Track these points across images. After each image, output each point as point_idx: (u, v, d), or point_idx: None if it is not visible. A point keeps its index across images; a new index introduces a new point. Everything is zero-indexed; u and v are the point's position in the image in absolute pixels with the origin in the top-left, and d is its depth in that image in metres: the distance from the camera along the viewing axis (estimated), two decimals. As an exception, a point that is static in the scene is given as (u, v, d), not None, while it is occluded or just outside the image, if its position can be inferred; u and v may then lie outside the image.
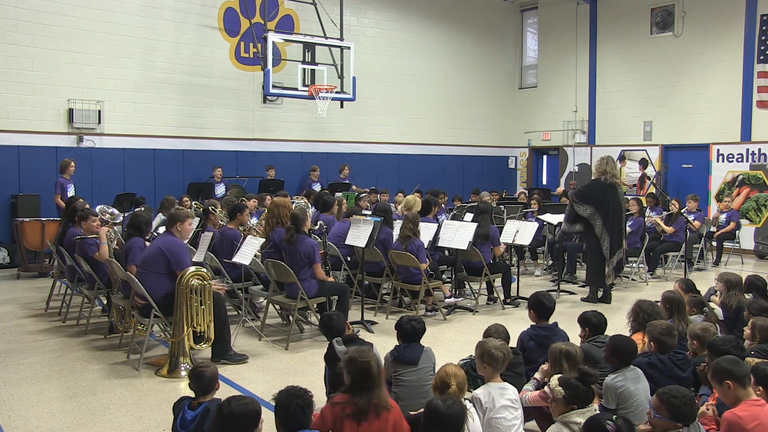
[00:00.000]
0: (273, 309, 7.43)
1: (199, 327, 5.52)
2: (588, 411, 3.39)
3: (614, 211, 8.28)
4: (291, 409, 3.04)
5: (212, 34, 13.06)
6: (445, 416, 3.06)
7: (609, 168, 8.35)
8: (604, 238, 8.22)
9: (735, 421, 3.18)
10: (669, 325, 4.29)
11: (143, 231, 6.50)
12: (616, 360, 3.87)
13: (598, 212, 8.21)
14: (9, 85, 10.91)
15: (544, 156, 17.61)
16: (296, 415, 3.04)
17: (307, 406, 3.08)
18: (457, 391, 3.42)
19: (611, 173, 8.33)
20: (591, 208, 8.23)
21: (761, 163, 13.00)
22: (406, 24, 15.64)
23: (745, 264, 11.73)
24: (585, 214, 8.24)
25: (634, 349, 3.96)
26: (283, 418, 3.08)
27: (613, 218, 8.26)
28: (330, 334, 4.50)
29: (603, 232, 8.21)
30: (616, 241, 8.30)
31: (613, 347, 3.90)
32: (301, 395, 3.10)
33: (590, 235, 8.34)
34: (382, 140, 15.26)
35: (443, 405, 3.11)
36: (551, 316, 4.79)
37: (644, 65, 14.83)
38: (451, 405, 3.11)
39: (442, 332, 7.03)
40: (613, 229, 8.26)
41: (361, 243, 7.21)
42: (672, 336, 4.17)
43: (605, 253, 8.23)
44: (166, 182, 12.25)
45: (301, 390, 3.14)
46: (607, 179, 8.30)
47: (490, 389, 3.68)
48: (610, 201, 8.25)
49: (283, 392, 3.13)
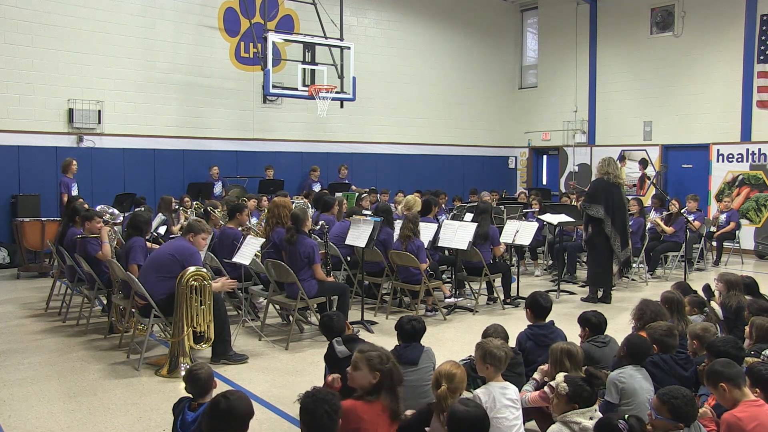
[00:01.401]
0: (273, 309, 7.44)
1: (199, 327, 5.52)
2: (588, 411, 3.38)
3: (619, 209, 8.32)
4: (318, 414, 2.92)
5: (212, 34, 13.06)
6: (470, 419, 3.05)
7: (611, 169, 8.39)
8: (615, 236, 8.25)
9: (734, 422, 3.18)
10: (669, 325, 4.29)
11: (143, 231, 6.51)
12: (630, 358, 3.90)
13: (607, 211, 8.24)
14: (9, 85, 10.91)
15: (544, 156, 17.62)
16: (322, 421, 2.92)
17: (334, 412, 2.95)
18: (447, 393, 3.41)
19: (614, 173, 8.37)
20: (601, 207, 8.26)
21: (761, 163, 13.00)
22: (406, 24, 15.64)
23: (745, 264, 11.72)
24: (599, 215, 8.27)
25: (649, 349, 4.00)
26: (308, 423, 2.96)
27: (617, 217, 8.30)
28: (330, 334, 4.50)
29: (612, 231, 8.24)
30: (622, 241, 8.35)
31: (631, 345, 3.94)
32: (328, 400, 2.96)
33: (600, 234, 8.34)
34: (382, 140, 15.26)
35: (464, 409, 3.08)
36: (548, 316, 4.80)
37: (644, 65, 14.83)
38: (475, 407, 3.10)
39: (442, 332, 7.03)
40: (618, 228, 8.29)
41: (361, 243, 7.21)
42: (673, 336, 4.17)
43: (617, 253, 8.25)
44: (166, 182, 12.25)
45: (329, 395, 3.01)
46: (610, 179, 8.33)
47: (491, 389, 3.68)
48: (614, 200, 8.28)
49: (309, 395, 3.00)
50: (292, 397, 5.00)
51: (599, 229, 8.31)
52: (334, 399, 3.01)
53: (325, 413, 2.92)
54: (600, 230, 8.30)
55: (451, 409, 3.13)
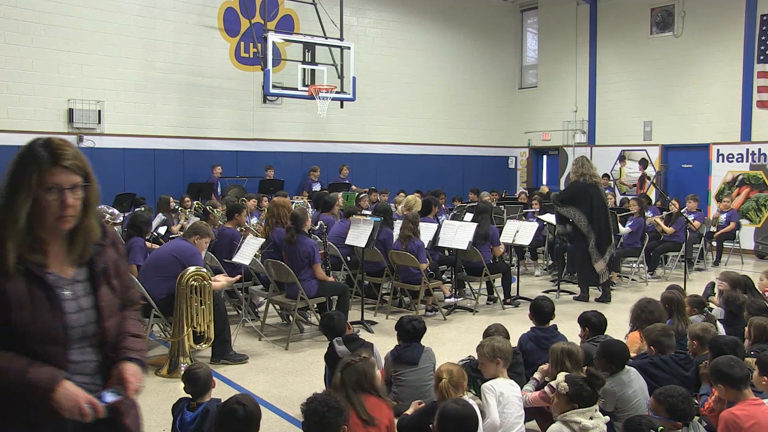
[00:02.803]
0: (273, 309, 7.44)
1: (199, 327, 5.53)
2: (588, 411, 3.39)
3: (598, 209, 8.28)
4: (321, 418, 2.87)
5: (212, 34, 13.05)
6: (460, 417, 3.04)
7: (585, 169, 8.38)
8: (590, 236, 8.24)
9: (732, 420, 3.19)
10: (665, 326, 4.29)
11: (143, 231, 6.53)
12: (611, 365, 3.87)
13: (582, 212, 8.24)
14: (9, 85, 10.90)
15: (544, 156, 17.62)
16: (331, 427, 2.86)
17: (338, 414, 2.88)
18: (449, 385, 3.43)
19: (589, 173, 8.36)
20: (573, 208, 8.28)
21: (761, 163, 12.99)
22: (406, 24, 15.64)
23: (745, 264, 11.72)
24: (569, 215, 8.30)
25: (625, 352, 3.95)
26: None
27: (599, 216, 8.28)
28: (330, 334, 4.51)
29: (589, 231, 8.24)
30: (605, 239, 8.30)
31: (607, 354, 3.90)
32: (333, 405, 2.90)
33: (577, 235, 8.37)
34: (382, 140, 15.26)
35: (455, 406, 3.07)
36: (552, 320, 4.82)
37: (644, 65, 14.83)
38: (465, 405, 3.09)
39: (442, 332, 7.03)
40: (600, 227, 8.27)
41: (361, 243, 7.20)
42: (669, 336, 4.17)
43: (591, 252, 8.25)
44: (166, 182, 12.24)
45: (333, 399, 2.94)
46: (586, 179, 8.32)
47: (504, 383, 3.73)
48: (593, 200, 8.26)
49: (317, 402, 2.92)
50: (292, 397, 5.02)
51: (577, 230, 8.32)
52: (340, 406, 2.94)
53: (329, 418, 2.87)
54: (577, 231, 8.31)
55: (441, 406, 3.14)
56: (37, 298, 1.92)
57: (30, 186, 1.91)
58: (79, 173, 2.03)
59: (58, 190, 1.95)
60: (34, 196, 1.92)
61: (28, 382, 1.87)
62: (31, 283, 1.92)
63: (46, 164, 1.95)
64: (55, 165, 1.96)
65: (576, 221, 8.27)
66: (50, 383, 1.88)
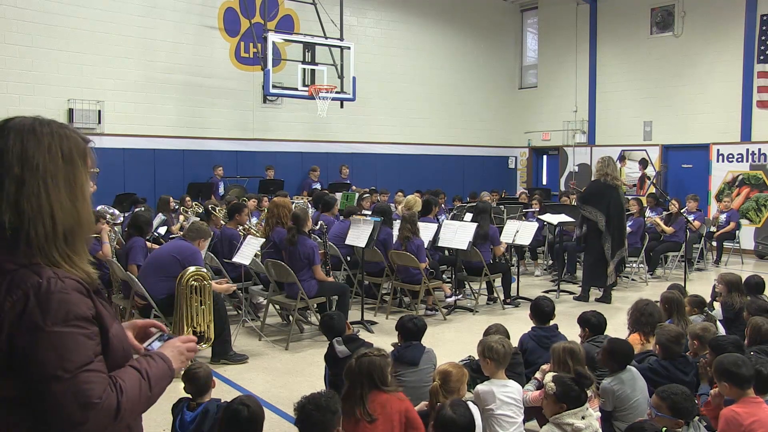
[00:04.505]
0: (273, 309, 7.43)
1: (199, 327, 5.52)
2: (580, 411, 3.38)
3: (616, 211, 8.31)
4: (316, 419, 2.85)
5: (212, 34, 13.05)
6: (455, 427, 3.02)
7: (609, 170, 8.38)
8: (606, 238, 8.25)
9: (732, 417, 3.20)
10: (679, 332, 4.20)
11: (144, 231, 6.53)
12: (614, 364, 3.87)
13: (602, 213, 8.24)
14: (9, 85, 10.90)
15: (544, 156, 17.61)
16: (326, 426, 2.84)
17: (333, 413, 2.86)
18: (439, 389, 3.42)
19: (612, 175, 8.37)
20: (593, 208, 8.27)
21: (761, 163, 12.99)
22: (406, 24, 15.64)
23: (745, 264, 11.72)
24: (592, 217, 8.29)
25: (630, 352, 3.95)
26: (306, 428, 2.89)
27: (615, 219, 8.29)
28: (330, 334, 4.50)
29: (606, 232, 8.24)
30: (618, 242, 8.33)
31: (611, 351, 3.89)
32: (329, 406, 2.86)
33: (593, 236, 8.35)
34: (382, 140, 15.26)
35: (450, 415, 3.04)
36: (552, 320, 4.82)
37: (644, 65, 14.83)
38: (462, 414, 3.06)
39: (442, 332, 7.03)
40: (615, 229, 8.28)
41: (361, 243, 7.20)
42: (680, 344, 4.10)
43: (607, 254, 8.25)
44: (166, 182, 12.24)
45: (324, 399, 2.90)
46: (608, 180, 8.33)
47: (492, 386, 3.69)
48: (612, 201, 8.27)
49: (306, 401, 2.90)
50: (292, 397, 5.00)
51: (594, 230, 8.31)
52: (334, 401, 2.94)
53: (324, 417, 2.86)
54: (595, 230, 8.31)
55: (440, 411, 3.13)
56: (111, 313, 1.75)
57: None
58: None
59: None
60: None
61: (173, 372, 1.79)
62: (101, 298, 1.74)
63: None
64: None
65: (597, 222, 8.26)
66: (165, 357, 1.79)
